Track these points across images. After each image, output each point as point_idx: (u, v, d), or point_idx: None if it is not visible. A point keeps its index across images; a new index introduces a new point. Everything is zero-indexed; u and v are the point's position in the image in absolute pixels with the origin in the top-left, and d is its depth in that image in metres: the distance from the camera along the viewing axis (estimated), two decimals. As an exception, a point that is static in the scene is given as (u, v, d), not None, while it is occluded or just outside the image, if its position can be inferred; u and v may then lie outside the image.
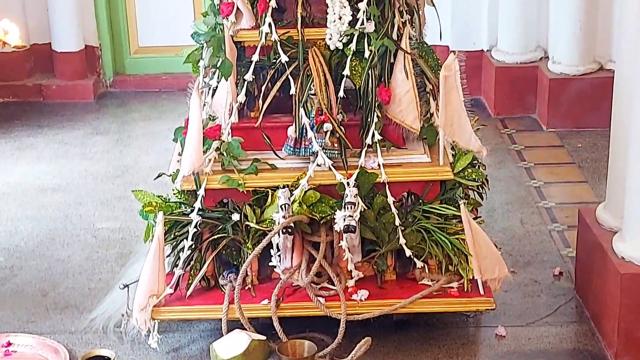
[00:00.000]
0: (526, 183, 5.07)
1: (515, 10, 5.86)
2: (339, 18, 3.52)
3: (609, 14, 5.60)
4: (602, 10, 5.63)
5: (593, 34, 5.65)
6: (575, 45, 5.63)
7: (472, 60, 5.60)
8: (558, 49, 5.74)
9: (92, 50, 6.41)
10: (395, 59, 3.58)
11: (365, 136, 3.57)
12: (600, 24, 5.66)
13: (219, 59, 3.57)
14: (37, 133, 5.86)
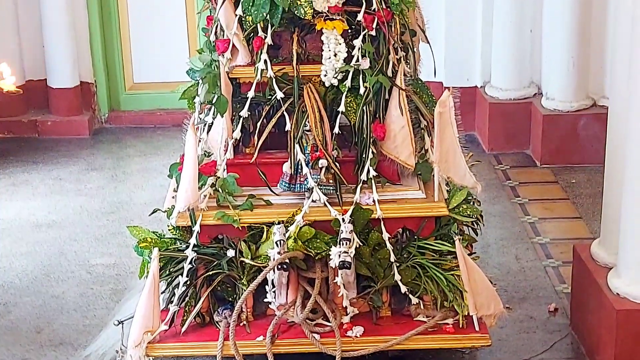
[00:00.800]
0: (520, 219, 5.07)
1: (508, 47, 5.89)
2: (334, 55, 3.54)
3: (602, 50, 5.64)
4: (594, 47, 5.67)
5: (586, 71, 5.68)
6: (568, 82, 5.66)
7: (466, 96, 5.63)
8: (551, 85, 5.77)
9: (87, 87, 6.43)
10: (390, 96, 3.59)
11: (360, 172, 3.57)
12: (593, 61, 5.69)
13: (215, 96, 3.58)
14: (32, 169, 5.86)
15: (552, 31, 5.74)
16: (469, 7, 6.05)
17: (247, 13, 3.53)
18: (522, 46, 5.90)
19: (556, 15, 5.66)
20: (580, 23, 5.60)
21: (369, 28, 3.54)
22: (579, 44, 5.62)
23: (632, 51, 3.52)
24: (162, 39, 6.44)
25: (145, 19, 6.43)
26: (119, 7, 6.41)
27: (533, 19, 5.87)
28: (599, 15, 5.63)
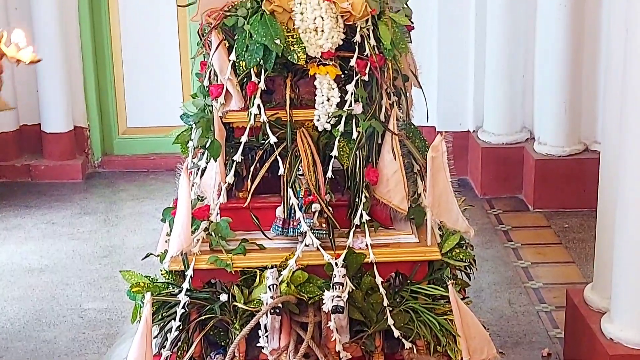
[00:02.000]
0: (513, 263, 5.08)
1: (500, 92, 5.93)
2: (327, 100, 3.55)
3: (594, 95, 5.67)
4: (586, 92, 5.71)
5: (578, 116, 5.71)
6: (560, 127, 5.69)
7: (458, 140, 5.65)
8: (543, 130, 5.80)
9: (81, 131, 6.44)
10: (382, 140, 3.60)
11: (353, 216, 3.57)
12: (585, 106, 5.73)
13: (208, 140, 3.59)
14: (25, 213, 5.86)
15: (544, 77, 5.77)
16: (461, 52, 6.10)
17: (241, 58, 3.54)
18: (514, 91, 5.94)
19: (548, 61, 5.70)
20: (571, 69, 5.65)
21: (362, 73, 3.55)
22: (571, 90, 5.66)
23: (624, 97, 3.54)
24: (156, 83, 6.47)
25: (139, 64, 6.46)
26: (113, 52, 6.45)
27: (525, 64, 5.91)
28: (590, 61, 5.67)
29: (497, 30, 5.86)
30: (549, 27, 5.66)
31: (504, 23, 5.83)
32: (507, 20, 5.83)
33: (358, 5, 3.50)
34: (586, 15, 5.63)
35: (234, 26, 3.56)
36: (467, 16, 6.04)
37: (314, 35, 3.49)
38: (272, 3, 3.51)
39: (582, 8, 5.60)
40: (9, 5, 6.24)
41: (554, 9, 5.59)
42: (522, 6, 5.83)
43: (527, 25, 5.86)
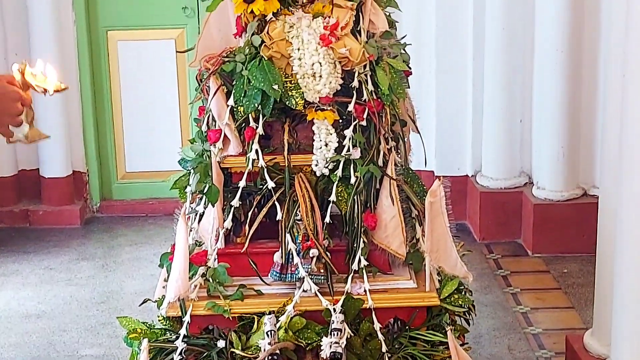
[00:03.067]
0: (513, 309, 5.05)
1: (498, 137, 5.94)
2: (325, 145, 3.55)
3: (591, 140, 5.69)
4: (584, 137, 5.72)
5: (576, 160, 5.72)
6: (558, 171, 5.70)
7: (457, 185, 5.66)
8: (542, 174, 5.80)
9: (79, 176, 6.45)
10: (381, 185, 3.60)
11: (351, 262, 3.56)
12: (583, 150, 5.74)
13: (206, 185, 3.59)
14: (22, 259, 5.84)
15: (542, 121, 5.79)
16: (459, 97, 6.12)
17: (239, 104, 3.55)
18: (512, 136, 5.95)
19: (545, 105, 5.72)
20: (569, 114, 5.66)
21: (360, 118, 3.56)
22: (569, 134, 5.67)
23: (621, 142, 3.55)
24: (155, 129, 6.48)
25: (138, 109, 6.48)
26: (112, 97, 6.47)
27: (522, 109, 5.93)
28: (588, 105, 5.69)
29: (494, 75, 5.88)
30: (546, 73, 5.69)
31: (502, 68, 5.86)
32: (505, 66, 5.85)
33: (356, 51, 3.52)
34: (583, 60, 5.66)
35: (232, 72, 3.57)
36: (465, 61, 6.07)
37: (312, 80, 3.51)
38: (270, 49, 3.52)
39: (579, 53, 5.63)
40: (9, 50, 6.26)
41: (550, 54, 5.62)
42: (519, 51, 5.86)
43: (524, 71, 5.89)
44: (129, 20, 6.41)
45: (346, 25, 3.52)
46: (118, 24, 6.41)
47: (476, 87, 6.03)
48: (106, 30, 6.42)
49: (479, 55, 5.97)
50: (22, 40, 6.22)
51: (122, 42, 6.44)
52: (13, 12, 6.21)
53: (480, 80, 5.99)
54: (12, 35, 6.24)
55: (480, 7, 5.91)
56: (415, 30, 5.95)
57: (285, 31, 3.53)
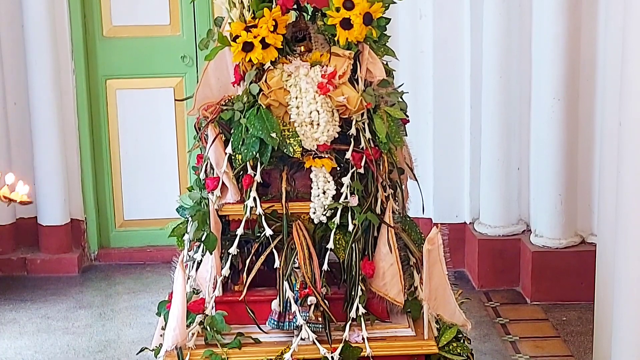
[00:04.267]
0: (512, 357, 5.03)
1: (496, 184, 5.95)
2: (323, 192, 3.56)
3: (589, 188, 5.70)
4: (581, 185, 5.73)
5: (574, 208, 5.72)
6: (556, 219, 5.70)
7: (455, 232, 5.66)
8: (540, 222, 5.80)
9: (77, 224, 6.44)
10: (378, 233, 3.60)
11: (349, 309, 3.56)
12: (581, 198, 5.74)
13: (204, 233, 3.59)
14: (20, 307, 5.82)
15: (539, 169, 5.80)
16: (456, 144, 6.13)
17: (237, 152, 3.57)
18: (509, 183, 5.96)
19: (543, 153, 5.74)
20: (566, 161, 5.67)
21: (358, 166, 3.57)
22: (566, 182, 5.68)
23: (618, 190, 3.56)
24: (153, 176, 6.49)
25: (137, 157, 6.50)
26: (110, 145, 6.49)
27: (520, 157, 5.95)
28: (585, 153, 5.71)
29: (491, 123, 5.91)
30: (543, 121, 5.71)
31: (499, 116, 5.88)
32: (502, 114, 5.88)
33: (353, 99, 3.54)
34: (580, 108, 5.68)
35: (230, 120, 3.59)
36: (462, 109, 6.09)
37: (310, 128, 3.52)
38: (269, 97, 3.54)
39: (576, 102, 5.65)
40: (8, 99, 6.29)
41: (547, 102, 5.65)
42: (516, 100, 5.89)
43: (521, 119, 5.92)
44: (128, 69, 6.44)
45: (344, 73, 3.55)
46: (117, 72, 6.44)
47: (474, 135, 6.05)
48: (105, 79, 6.45)
49: (476, 103, 6.00)
50: (21, 90, 6.25)
51: (121, 90, 6.46)
52: (12, 61, 6.24)
53: (477, 128, 6.01)
54: (11, 85, 6.27)
55: (477, 55, 5.94)
56: (413, 78, 5.98)
57: (283, 80, 3.55)
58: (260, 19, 3.51)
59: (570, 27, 5.54)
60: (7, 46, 6.23)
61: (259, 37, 3.51)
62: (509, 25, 5.79)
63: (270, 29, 3.51)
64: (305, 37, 3.72)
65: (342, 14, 3.54)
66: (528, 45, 5.79)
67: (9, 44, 6.23)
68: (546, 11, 5.55)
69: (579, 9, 5.54)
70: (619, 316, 3.52)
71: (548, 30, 5.57)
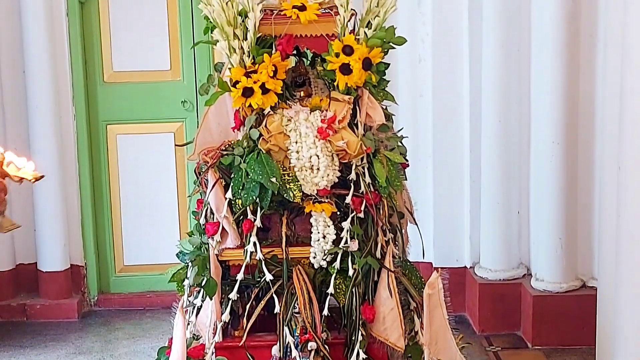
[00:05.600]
0: (514, 401, 5.01)
1: (496, 228, 5.94)
2: (323, 237, 3.56)
3: (589, 231, 5.69)
4: (581, 228, 5.72)
5: (574, 252, 5.71)
6: (557, 263, 5.69)
7: (455, 277, 5.65)
8: (540, 266, 5.79)
9: (77, 270, 6.43)
10: (379, 277, 3.60)
11: (350, 355, 3.54)
12: (581, 242, 5.73)
13: (204, 278, 3.59)
14: (19, 354, 5.79)
15: (539, 213, 5.80)
16: (456, 189, 6.14)
17: (237, 196, 3.57)
18: (510, 227, 5.95)
19: (543, 197, 5.74)
20: (566, 205, 5.67)
21: (358, 210, 3.58)
22: (567, 226, 5.68)
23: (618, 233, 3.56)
24: (153, 221, 6.49)
25: (137, 202, 6.50)
26: (111, 190, 6.49)
27: (520, 201, 5.95)
28: (584, 197, 5.71)
29: (491, 167, 5.91)
30: (543, 164, 5.71)
31: (498, 160, 5.89)
32: (501, 158, 5.88)
33: (353, 144, 3.55)
34: (579, 152, 5.69)
35: (230, 165, 3.60)
36: (462, 153, 6.10)
37: (310, 173, 3.53)
38: (269, 142, 3.56)
39: (576, 146, 5.66)
40: (8, 143, 6.29)
41: (547, 146, 5.65)
42: (516, 144, 5.90)
43: (520, 162, 5.92)
44: (128, 114, 6.46)
45: (343, 118, 3.56)
46: (118, 117, 6.46)
47: (473, 179, 6.06)
48: (106, 124, 6.46)
49: (476, 147, 6.01)
50: (22, 135, 6.26)
51: (122, 135, 6.48)
52: (13, 106, 6.27)
53: (477, 172, 6.02)
54: (12, 130, 6.29)
55: (476, 99, 5.96)
56: (412, 122, 6.00)
57: (283, 124, 3.57)
58: (260, 64, 3.54)
59: (569, 72, 5.56)
60: (9, 91, 6.26)
61: (258, 82, 3.53)
62: (508, 70, 5.81)
63: (270, 75, 3.53)
64: (305, 82, 3.74)
65: (342, 59, 3.56)
66: (527, 89, 5.81)
67: (10, 90, 6.25)
68: (545, 56, 5.58)
69: (578, 54, 5.57)
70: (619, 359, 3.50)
71: (547, 74, 5.60)
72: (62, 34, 6.24)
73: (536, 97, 5.75)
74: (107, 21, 6.36)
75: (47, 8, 6.13)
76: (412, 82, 6.13)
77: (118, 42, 6.38)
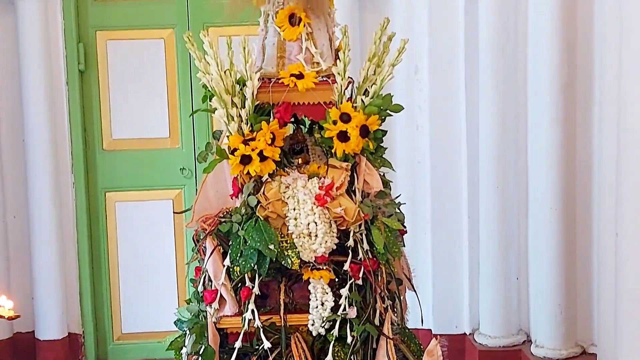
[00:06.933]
0: None
1: (495, 294, 5.93)
2: (322, 304, 3.56)
3: (588, 297, 5.67)
4: (581, 294, 5.71)
5: (573, 318, 5.69)
6: (556, 330, 5.66)
7: (454, 343, 5.63)
8: (540, 332, 5.76)
9: (75, 338, 6.40)
10: (377, 345, 3.58)
11: (348, 422, 3.52)
12: (580, 308, 5.71)
13: (202, 346, 3.57)
14: (15, 422, 5.75)
15: (538, 279, 5.79)
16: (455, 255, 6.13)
17: (235, 264, 3.57)
18: (509, 294, 5.94)
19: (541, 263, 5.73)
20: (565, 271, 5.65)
21: (356, 277, 3.57)
22: (566, 292, 5.66)
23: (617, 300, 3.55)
24: (152, 289, 6.47)
25: (135, 270, 6.49)
26: (109, 258, 6.48)
27: (518, 267, 5.94)
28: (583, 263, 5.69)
29: (489, 232, 5.91)
30: (541, 230, 5.72)
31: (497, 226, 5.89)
32: (500, 223, 5.89)
33: (351, 211, 3.56)
34: (577, 218, 5.69)
35: (228, 232, 3.60)
36: (460, 219, 6.11)
37: (308, 240, 3.53)
38: (267, 209, 3.56)
39: (574, 211, 5.66)
40: (8, 212, 6.30)
41: (545, 212, 5.66)
42: (514, 209, 5.91)
43: (519, 228, 5.92)
44: (127, 181, 6.48)
45: (341, 185, 3.58)
46: (116, 185, 6.48)
47: (472, 246, 6.06)
48: (105, 192, 6.48)
49: (474, 213, 6.01)
50: (21, 203, 6.27)
51: (120, 203, 6.49)
52: (13, 174, 6.28)
53: (475, 238, 6.02)
54: (11, 198, 6.30)
55: (473, 165, 5.98)
56: (410, 189, 6.02)
57: (281, 192, 3.58)
58: (258, 132, 3.56)
59: (566, 138, 5.58)
60: (8, 159, 6.28)
61: (256, 150, 3.55)
62: (505, 137, 5.84)
63: (268, 142, 3.55)
64: (303, 149, 3.76)
65: (339, 126, 3.58)
66: (524, 156, 5.83)
67: (9, 157, 6.27)
68: (541, 120, 5.61)
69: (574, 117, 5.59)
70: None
71: (544, 141, 5.62)
72: (62, 102, 6.28)
73: (533, 163, 5.77)
74: (107, 89, 6.41)
75: (47, 76, 6.17)
76: (409, 148, 6.16)
77: (117, 110, 6.42)
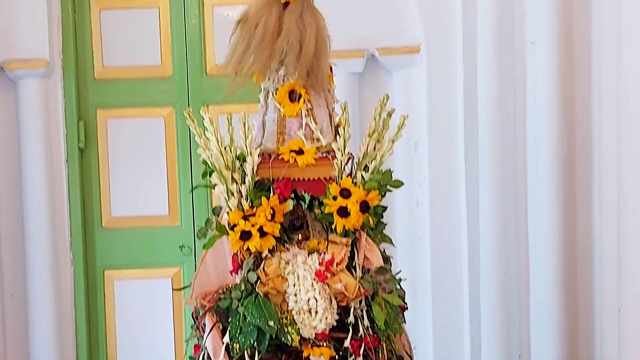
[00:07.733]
0: None
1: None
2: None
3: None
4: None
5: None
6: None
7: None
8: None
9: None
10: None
11: None
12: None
13: None
14: None
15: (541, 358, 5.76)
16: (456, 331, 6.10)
17: (234, 340, 3.55)
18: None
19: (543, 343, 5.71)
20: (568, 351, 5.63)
21: (357, 354, 3.55)
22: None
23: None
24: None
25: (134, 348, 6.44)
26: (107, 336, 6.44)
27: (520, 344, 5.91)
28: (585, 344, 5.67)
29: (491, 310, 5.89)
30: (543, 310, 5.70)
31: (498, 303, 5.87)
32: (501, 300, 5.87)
33: (351, 287, 3.54)
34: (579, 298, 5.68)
35: (228, 308, 3.58)
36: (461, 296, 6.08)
37: (308, 316, 3.51)
38: (266, 285, 3.55)
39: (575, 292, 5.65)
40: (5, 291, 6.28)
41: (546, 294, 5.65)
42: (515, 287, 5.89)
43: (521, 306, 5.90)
44: (126, 259, 6.46)
45: (341, 261, 3.57)
46: (115, 263, 6.45)
47: (473, 323, 6.03)
48: (103, 270, 6.46)
49: (475, 291, 6.00)
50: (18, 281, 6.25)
51: (119, 281, 6.46)
52: (11, 252, 6.26)
53: (477, 316, 5.99)
54: (9, 276, 6.27)
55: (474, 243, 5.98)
56: (410, 264, 6.00)
57: (281, 267, 3.57)
58: (258, 207, 3.56)
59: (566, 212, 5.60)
60: (7, 237, 6.27)
61: (256, 225, 3.55)
62: (505, 214, 5.84)
63: (267, 218, 3.55)
64: (303, 225, 3.76)
65: (339, 202, 3.58)
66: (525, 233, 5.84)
67: (8, 235, 6.26)
68: (542, 196, 5.62)
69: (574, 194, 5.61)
70: None
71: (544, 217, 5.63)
72: (61, 179, 6.29)
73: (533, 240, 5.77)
74: (106, 167, 6.43)
75: (46, 154, 6.19)
76: (409, 224, 6.15)
77: (116, 188, 6.43)
